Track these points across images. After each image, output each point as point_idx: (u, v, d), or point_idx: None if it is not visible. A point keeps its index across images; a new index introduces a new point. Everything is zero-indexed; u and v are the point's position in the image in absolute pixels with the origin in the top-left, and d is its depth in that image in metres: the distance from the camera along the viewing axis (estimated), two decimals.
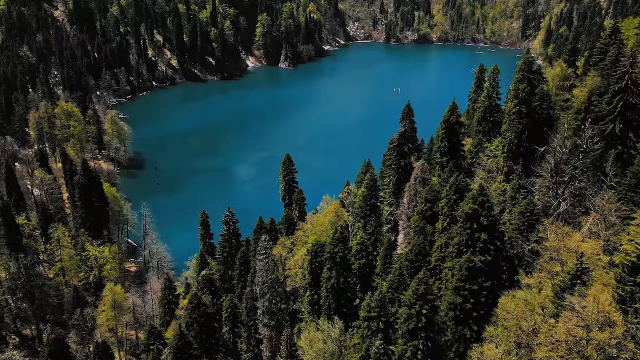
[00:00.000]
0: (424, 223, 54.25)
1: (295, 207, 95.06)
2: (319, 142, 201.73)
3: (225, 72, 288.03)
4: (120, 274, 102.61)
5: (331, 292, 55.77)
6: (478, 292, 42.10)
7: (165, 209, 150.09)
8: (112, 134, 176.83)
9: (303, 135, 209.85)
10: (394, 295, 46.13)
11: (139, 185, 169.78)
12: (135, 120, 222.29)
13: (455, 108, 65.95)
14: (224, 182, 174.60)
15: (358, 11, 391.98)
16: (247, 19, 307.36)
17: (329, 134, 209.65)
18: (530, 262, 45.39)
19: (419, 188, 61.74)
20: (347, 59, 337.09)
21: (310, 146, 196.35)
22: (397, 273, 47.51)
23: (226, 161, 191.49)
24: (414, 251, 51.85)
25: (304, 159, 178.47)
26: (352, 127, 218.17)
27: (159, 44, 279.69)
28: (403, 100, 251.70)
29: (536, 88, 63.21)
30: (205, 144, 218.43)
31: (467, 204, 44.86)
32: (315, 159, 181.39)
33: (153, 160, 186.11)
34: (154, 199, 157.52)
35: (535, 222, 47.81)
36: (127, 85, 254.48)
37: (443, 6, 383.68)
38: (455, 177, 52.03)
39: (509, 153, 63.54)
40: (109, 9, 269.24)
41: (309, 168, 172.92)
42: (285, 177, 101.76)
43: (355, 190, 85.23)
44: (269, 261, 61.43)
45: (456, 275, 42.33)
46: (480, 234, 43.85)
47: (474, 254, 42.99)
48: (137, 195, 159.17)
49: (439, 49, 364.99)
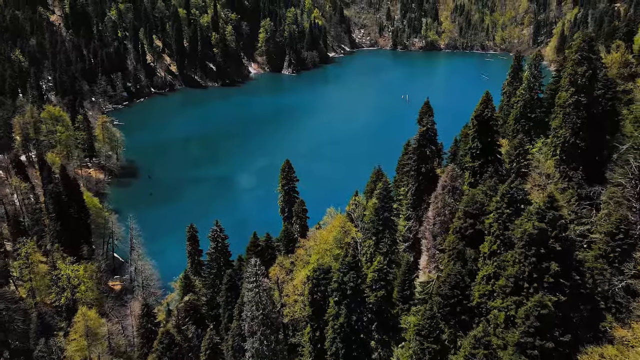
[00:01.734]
0: (463, 245, 42.23)
1: (295, 221, 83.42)
2: (324, 150, 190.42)
3: (226, 78, 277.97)
4: (98, 294, 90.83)
5: (339, 334, 44.00)
6: (551, 351, 30.11)
7: (158, 221, 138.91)
8: (103, 140, 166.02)
9: (307, 143, 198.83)
10: (425, 345, 34.33)
11: (130, 195, 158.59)
12: (131, 127, 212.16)
13: (489, 101, 53.92)
14: (222, 191, 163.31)
15: (364, 18, 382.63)
16: (250, 25, 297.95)
17: (335, 141, 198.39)
18: (625, 305, 33.18)
19: (449, 199, 50.03)
20: (353, 66, 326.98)
21: (314, 154, 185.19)
22: (427, 314, 35.70)
23: (226, 170, 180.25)
24: (449, 283, 39.91)
25: (307, 167, 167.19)
26: (359, 134, 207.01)
27: (158, 49, 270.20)
28: (412, 107, 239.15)
29: (598, 73, 51.56)
30: (204, 151, 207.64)
31: (531, 220, 33.04)
32: (319, 168, 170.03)
33: (147, 169, 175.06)
34: (146, 209, 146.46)
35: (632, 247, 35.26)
36: (124, 92, 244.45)
37: (451, 13, 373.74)
38: (509, 184, 39.87)
39: (563, 155, 51.67)
40: (106, 13, 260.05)
41: (312, 177, 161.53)
42: (284, 187, 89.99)
43: (364, 202, 73.50)
44: (260, 292, 49.54)
45: (520, 326, 30.43)
46: (550, 264, 32.01)
47: (539, 290, 31.11)
48: (127, 205, 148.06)
49: (448, 56, 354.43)
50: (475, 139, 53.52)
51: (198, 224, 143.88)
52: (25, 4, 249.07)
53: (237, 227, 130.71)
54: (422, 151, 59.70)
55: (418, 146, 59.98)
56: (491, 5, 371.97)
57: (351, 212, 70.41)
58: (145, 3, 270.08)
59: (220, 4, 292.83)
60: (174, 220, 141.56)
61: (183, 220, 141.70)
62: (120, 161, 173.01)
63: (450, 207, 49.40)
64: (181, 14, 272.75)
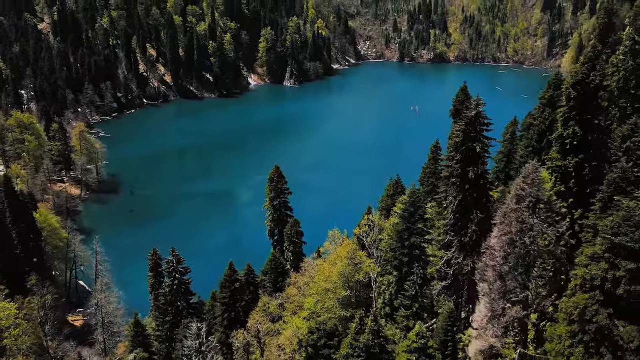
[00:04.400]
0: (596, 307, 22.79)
1: (287, 247, 64.78)
2: (327, 162, 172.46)
3: (224, 89, 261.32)
4: (39, 339, 71.70)
5: None
6: None
7: (136, 243, 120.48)
8: (80, 151, 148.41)
9: (309, 155, 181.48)
10: None
11: (107, 212, 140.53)
12: (118, 139, 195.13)
13: (595, 59, 34.93)
14: (213, 209, 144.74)
15: (369, 30, 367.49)
16: (250, 34, 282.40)
17: (340, 154, 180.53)
18: None
19: (532, 218, 31.35)
20: (358, 77, 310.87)
21: (316, 166, 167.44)
22: None
23: (219, 185, 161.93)
24: None
25: (307, 180, 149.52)
26: (367, 146, 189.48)
27: (152, 58, 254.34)
28: (422, 119, 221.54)
29: None
30: (196, 165, 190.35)
31: None
32: (320, 181, 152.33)
33: (130, 184, 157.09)
34: (124, 229, 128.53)
35: None
36: (114, 102, 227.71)
37: (460, 24, 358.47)
38: None
39: None
40: (97, 20, 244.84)
41: (311, 191, 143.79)
42: (273, 201, 71.30)
43: (380, 221, 54.86)
44: None
45: None
46: None
47: None
48: (102, 224, 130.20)
49: (458, 68, 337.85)
50: (570, 122, 34.89)
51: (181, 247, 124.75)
52: (11, 10, 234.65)
53: (223, 252, 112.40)
54: (470, 147, 41.20)
55: (463, 140, 41.43)
56: (502, 16, 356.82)
57: (362, 235, 51.80)
58: (139, 10, 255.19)
59: (218, 12, 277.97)
60: (155, 241, 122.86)
61: (166, 242, 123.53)
62: (100, 175, 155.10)
63: (534, 233, 30.88)
64: (177, 21, 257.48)
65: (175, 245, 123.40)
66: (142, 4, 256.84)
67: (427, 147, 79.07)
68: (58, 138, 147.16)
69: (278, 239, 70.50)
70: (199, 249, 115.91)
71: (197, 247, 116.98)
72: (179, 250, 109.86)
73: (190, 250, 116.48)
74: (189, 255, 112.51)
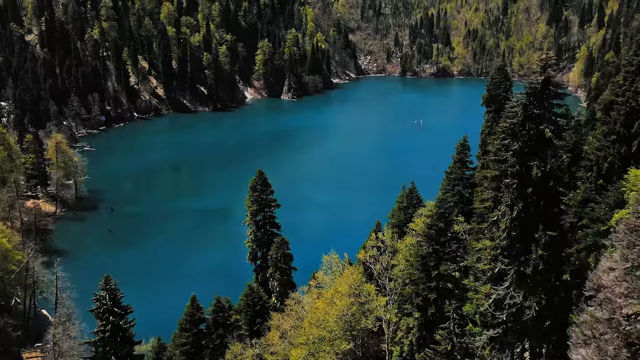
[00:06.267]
0: None
1: (273, 274, 51.32)
2: (327, 177, 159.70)
3: (219, 102, 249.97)
4: None
5: None
6: None
7: (113, 266, 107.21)
8: (57, 165, 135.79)
9: (307, 170, 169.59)
10: None
11: (83, 232, 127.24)
12: (104, 153, 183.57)
13: None
14: (202, 228, 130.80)
15: (370, 44, 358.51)
16: (246, 46, 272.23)
17: (341, 169, 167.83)
18: None
19: None
20: (360, 91, 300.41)
21: (314, 181, 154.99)
22: None
23: (210, 202, 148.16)
24: None
25: (304, 196, 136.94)
26: (370, 161, 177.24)
27: (144, 70, 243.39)
28: (427, 133, 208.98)
29: None
30: (186, 181, 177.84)
31: None
32: (318, 196, 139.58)
33: (112, 200, 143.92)
34: (98, 251, 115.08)
35: None
36: (102, 115, 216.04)
37: (464, 38, 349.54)
38: None
39: None
40: (86, 31, 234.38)
41: (308, 207, 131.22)
42: (255, 216, 57.59)
43: (392, 241, 41.68)
44: None
45: None
46: None
47: None
48: (75, 246, 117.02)
49: (462, 82, 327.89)
50: None
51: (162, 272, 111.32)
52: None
53: (209, 278, 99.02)
54: (535, 131, 27.93)
55: (524, 120, 28.01)
56: (506, 30, 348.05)
57: (370, 261, 38.58)
58: (131, 21, 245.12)
59: (214, 24, 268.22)
60: (134, 265, 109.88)
61: (146, 265, 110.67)
62: (79, 191, 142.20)
63: None
64: (170, 32, 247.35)
65: (156, 270, 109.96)
66: (135, 15, 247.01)
67: (432, 162, 67.70)
68: (32, 150, 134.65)
69: (261, 263, 56.80)
70: (182, 274, 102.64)
71: (180, 273, 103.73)
72: (171, 276, 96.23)
73: (172, 276, 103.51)
74: (168, 282, 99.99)
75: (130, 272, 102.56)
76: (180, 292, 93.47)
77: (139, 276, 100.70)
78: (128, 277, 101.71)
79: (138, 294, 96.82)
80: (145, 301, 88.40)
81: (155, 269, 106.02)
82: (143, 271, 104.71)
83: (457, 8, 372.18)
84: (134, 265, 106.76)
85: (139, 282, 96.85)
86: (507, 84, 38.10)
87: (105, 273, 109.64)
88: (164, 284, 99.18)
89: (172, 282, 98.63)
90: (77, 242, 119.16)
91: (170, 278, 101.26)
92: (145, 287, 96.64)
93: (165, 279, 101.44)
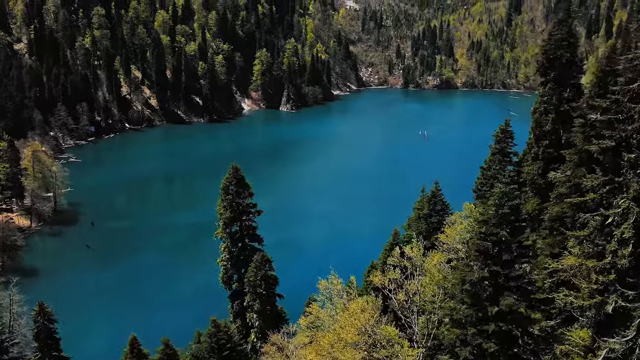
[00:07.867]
0: None
1: (252, 303, 38.97)
2: (328, 189, 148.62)
3: (214, 113, 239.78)
4: None
5: None
6: None
7: (85, 288, 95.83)
8: (33, 175, 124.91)
9: (306, 182, 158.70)
10: None
11: (58, 248, 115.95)
12: (90, 165, 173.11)
13: None
14: (189, 245, 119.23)
15: (371, 56, 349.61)
16: (244, 56, 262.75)
17: (341, 180, 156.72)
18: None
19: None
20: (361, 103, 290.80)
21: (313, 193, 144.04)
22: None
23: (200, 216, 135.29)
24: None
25: (302, 208, 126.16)
26: (374, 173, 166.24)
27: (137, 80, 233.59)
28: (432, 144, 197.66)
29: None
30: (177, 193, 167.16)
31: None
32: (317, 209, 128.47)
33: (94, 214, 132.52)
34: (72, 270, 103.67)
35: None
36: (91, 126, 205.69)
37: (467, 50, 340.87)
38: None
39: None
40: (77, 39, 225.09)
41: (305, 221, 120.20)
42: (229, 227, 44.92)
43: (421, 259, 30.29)
44: None
45: None
46: None
47: None
48: (47, 264, 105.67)
49: (466, 94, 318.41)
50: None
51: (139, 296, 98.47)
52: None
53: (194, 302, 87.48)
54: None
55: None
56: (511, 42, 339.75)
57: (388, 288, 27.14)
58: (124, 29, 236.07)
59: (211, 33, 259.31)
60: (113, 286, 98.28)
61: (125, 287, 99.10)
62: (58, 203, 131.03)
63: None
64: (164, 41, 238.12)
65: (133, 293, 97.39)
66: (128, 23, 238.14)
67: (434, 175, 57.75)
68: (7, 159, 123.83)
69: (238, 288, 44.26)
70: (164, 299, 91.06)
71: (162, 296, 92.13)
72: (124, 300, 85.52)
73: (153, 301, 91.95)
74: (147, 307, 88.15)
75: (98, 294, 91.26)
76: (149, 319, 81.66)
77: (107, 300, 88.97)
78: (93, 301, 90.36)
79: (106, 320, 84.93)
80: (112, 327, 76.77)
81: (130, 291, 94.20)
82: (115, 294, 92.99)
83: (460, 20, 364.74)
84: (107, 286, 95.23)
85: (105, 307, 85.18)
86: (571, 41, 27.55)
87: (77, 296, 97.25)
88: (131, 308, 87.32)
89: (144, 306, 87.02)
90: (50, 259, 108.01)
91: (143, 302, 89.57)
92: (112, 314, 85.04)
93: (136, 302, 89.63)
